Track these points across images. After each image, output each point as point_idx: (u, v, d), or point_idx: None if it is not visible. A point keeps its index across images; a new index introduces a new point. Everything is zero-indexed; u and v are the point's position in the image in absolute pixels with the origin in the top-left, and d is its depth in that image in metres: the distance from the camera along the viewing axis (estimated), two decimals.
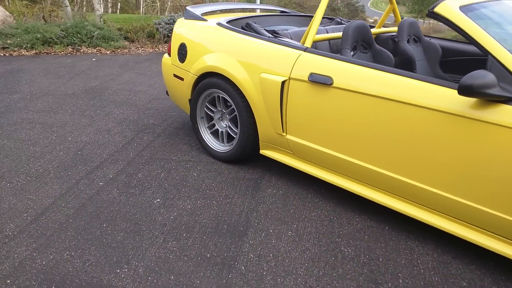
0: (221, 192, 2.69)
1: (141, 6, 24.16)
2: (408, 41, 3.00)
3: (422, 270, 2.03)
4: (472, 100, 1.87)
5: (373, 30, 3.26)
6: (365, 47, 2.74)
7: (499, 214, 1.86)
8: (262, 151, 2.87)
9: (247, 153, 2.93)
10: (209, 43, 2.96)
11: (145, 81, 5.45)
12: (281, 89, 2.52)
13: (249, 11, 6.33)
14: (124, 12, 24.37)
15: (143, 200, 2.60)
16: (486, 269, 2.05)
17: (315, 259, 2.09)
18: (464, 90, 1.77)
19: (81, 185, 2.77)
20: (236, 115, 2.89)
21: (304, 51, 2.49)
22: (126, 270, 2.00)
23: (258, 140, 2.84)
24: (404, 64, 2.86)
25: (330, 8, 29.77)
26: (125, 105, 4.41)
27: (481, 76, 1.75)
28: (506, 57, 1.82)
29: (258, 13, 3.88)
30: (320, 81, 2.34)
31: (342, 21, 3.69)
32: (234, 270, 2.00)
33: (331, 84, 2.30)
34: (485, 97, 1.77)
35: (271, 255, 2.12)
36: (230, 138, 3.06)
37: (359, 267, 2.05)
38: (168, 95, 3.62)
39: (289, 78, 2.49)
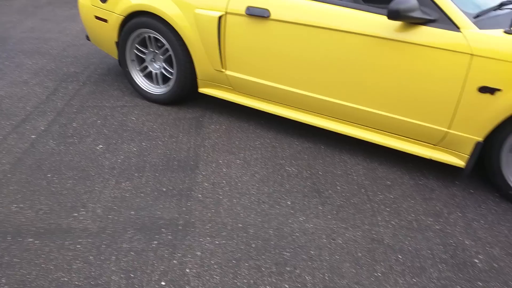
0: (165, 133, 2.73)
1: None
2: None
3: (355, 177, 2.35)
4: (397, 24, 2.09)
5: None
6: None
7: (417, 122, 2.19)
8: (200, 89, 2.93)
9: (185, 93, 2.97)
10: None
11: (53, 27, 5.03)
12: (218, 24, 2.55)
13: None
14: None
15: (85, 147, 2.56)
16: (405, 169, 2.42)
17: (264, 180, 2.30)
18: (393, 14, 1.98)
19: (10, 140, 2.63)
20: (170, 55, 2.88)
21: None
22: (84, 212, 2.03)
23: (196, 78, 2.88)
24: None
25: None
26: (37, 54, 4.09)
27: (405, 1, 1.97)
28: None
29: None
30: (257, 14, 2.42)
31: None
32: (192, 199, 2.13)
33: (268, 16, 2.40)
34: (409, 20, 2.00)
35: (224, 181, 2.28)
36: (165, 79, 3.05)
37: (302, 181, 2.29)
38: (88, 39, 3.44)
39: (226, 13, 2.53)
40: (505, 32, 1.92)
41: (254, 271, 1.72)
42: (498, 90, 1.93)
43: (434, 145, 2.25)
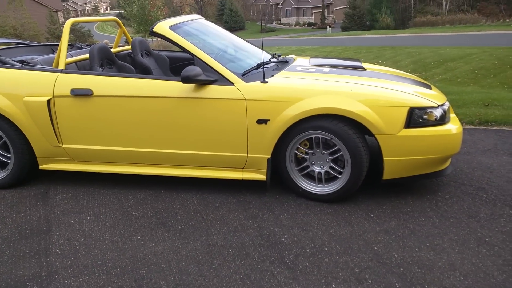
0: (12, 211, 2.90)
1: None
2: (142, 55, 3.87)
3: (191, 206, 2.92)
4: (191, 86, 2.84)
5: (112, 50, 4.00)
6: (109, 63, 3.44)
7: (225, 153, 2.92)
8: (42, 166, 3.20)
9: (25, 173, 3.19)
10: None
11: None
12: (48, 107, 2.95)
13: None
14: None
15: None
16: (229, 192, 3.10)
17: (115, 226, 2.69)
18: (185, 80, 2.71)
19: None
20: (5, 141, 3.11)
21: (61, 72, 2.99)
22: None
23: (35, 157, 3.15)
24: (143, 73, 3.70)
25: (56, 36, 29.16)
26: None
27: (192, 69, 2.74)
28: (203, 56, 2.88)
29: None
30: (81, 93, 2.92)
31: (82, 46, 4.26)
32: (51, 254, 2.40)
33: (92, 94, 2.91)
34: (198, 82, 2.77)
35: (78, 235, 2.59)
36: (4, 165, 3.22)
37: (148, 219, 2.77)
38: None
39: (53, 97, 2.95)
40: (261, 82, 2.84)
41: None
42: (268, 120, 2.80)
43: (242, 168, 3.00)
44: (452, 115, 3.05)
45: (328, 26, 40.65)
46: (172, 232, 2.62)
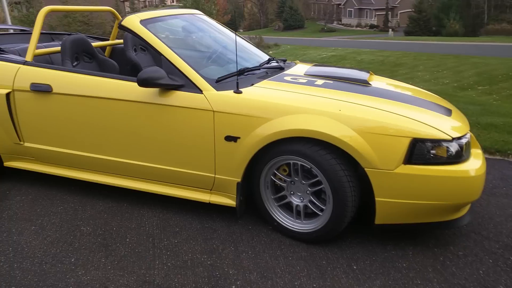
0: None
1: None
2: (135, 50, 3.54)
3: (147, 228, 2.55)
4: (154, 90, 2.44)
5: (109, 43, 3.73)
6: (88, 57, 3.14)
7: (189, 171, 2.51)
8: (6, 163, 2.97)
9: None
10: None
11: None
12: (7, 100, 2.70)
13: None
14: None
15: None
16: (197, 216, 2.69)
17: (55, 242, 2.38)
18: (142, 82, 2.31)
19: None
20: None
21: (24, 64, 2.73)
22: None
23: None
24: (133, 70, 3.36)
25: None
26: None
27: (153, 71, 2.34)
28: (171, 56, 2.47)
29: None
30: (41, 89, 2.63)
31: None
32: None
33: (51, 91, 2.62)
34: (159, 86, 2.36)
35: (10, 248, 2.31)
36: None
37: (93, 238, 2.42)
38: None
39: (13, 90, 2.69)
40: (234, 92, 2.38)
41: None
42: (238, 138, 2.34)
43: (210, 190, 2.57)
44: (476, 151, 2.43)
45: (390, 30, 38.84)
46: (111, 259, 2.25)
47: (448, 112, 2.53)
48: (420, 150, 2.15)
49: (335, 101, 2.33)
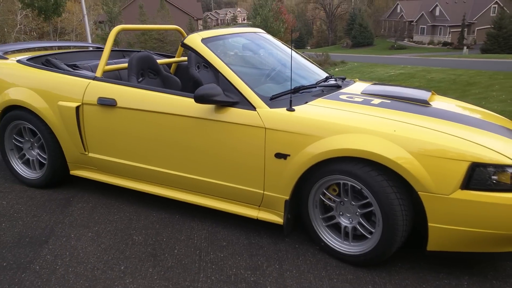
0: (29, 213, 2.91)
1: None
2: (198, 67, 3.67)
3: (196, 241, 2.58)
4: (210, 106, 2.51)
5: (174, 60, 3.91)
6: (153, 73, 3.30)
7: (239, 186, 2.52)
8: (72, 172, 3.19)
9: (58, 176, 3.21)
10: (9, 78, 3.21)
11: None
12: (76, 113, 2.91)
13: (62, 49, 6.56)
14: None
15: None
16: (244, 231, 2.68)
17: (108, 249, 2.48)
18: (198, 99, 2.39)
19: None
20: (43, 142, 3.17)
21: (93, 79, 2.93)
22: None
23: (66, 162, 3.15)
24: (195, 87, 3.47)
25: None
26: None
27: (209, 88, 2.41)
28: (228, 73, 2.52)
29: (59, 50, 4.19)
30: (106, 103, 2.80)
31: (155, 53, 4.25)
32: (28, 270, 2.28)
33: (116, 105, 2.78)
34: (215, 103, 2.42)
35: (67, 253, 2.44)
36: (42, 165, 3.30)
37: (144, 248, 2.50)
38: None
39: (82, 103, 2.90)
40: (287, 109, 2.36)
41: None
42: (288, 155, 2.31)
43: (258, 206, 2.56)
44: None
45: (465, 47, 36.78)
46: (158, 269, 2.30)
47: None
48: (481, 175, 1.98)
49: (391, 121, 2.23)
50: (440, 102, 2.76)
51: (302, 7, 69.45)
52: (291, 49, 3.12)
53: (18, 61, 3.29)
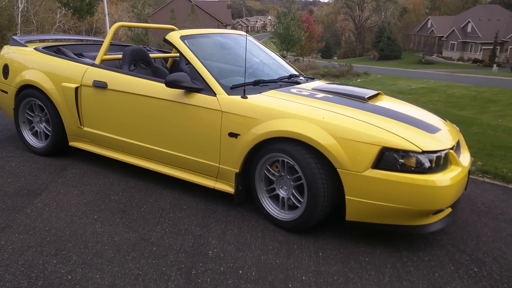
0: (31, 173, 3.48)
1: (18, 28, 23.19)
2: (187, 63, 4.19)
3: (161, 203, 3.07)
4: (180, 91, 3.00)
5: (164, 55, 4.46)
6: (145, 64, 3.84)
7: (200, 160, 2.99)
8: (70, 143, 3.74)
9: (59, 146, 3.77)
10: (26, 62, 3.80)
11: None
12: (75, 93, 3.46)
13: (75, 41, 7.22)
14: None
15: None
16: (205, 199, 3.14)
17: (87, 203, 3.00)
18: (169, 84, 2.88)
19: None
20: (48, 117, 3.74)
21: (91, 66, 3.48)
22: None
23: (66, 135, 3.71)
24: None
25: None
26: None
27: (179, 75, 2.90)
28: (198, 64, 3.01)
29: (71, 41, 4.78)
30: (99, 85, 3.34)
31: (151, 49, 4.82)
32: (21, 212, 2.82)
33: (107, 87, 3.32)
34: (183, 88, 2.91)
35: (54, 203, 2.98)
36: (47, 136, 3.87)
37: (117, 205, 3.00)
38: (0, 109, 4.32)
39: (81, 85, 3.45)
40: (241, 97, 2.83)
41: (37, 254, 2.37)
42: (239, 134, 2.77)
43: (215, 178, 3.02)
44: (461, 166, 2.55)
45: (494, 65, 36.19)
46: (124, 220, 2.80)
47: (434, 130, 2.69)
48: (389, 158, 2.38)
49: (323, 110, 2.66)
50: (383, 101, 3.15)
51: (332, 18, 69.75)
52: (246, 36, 3.61)
53: (35, 48, 3.88)
